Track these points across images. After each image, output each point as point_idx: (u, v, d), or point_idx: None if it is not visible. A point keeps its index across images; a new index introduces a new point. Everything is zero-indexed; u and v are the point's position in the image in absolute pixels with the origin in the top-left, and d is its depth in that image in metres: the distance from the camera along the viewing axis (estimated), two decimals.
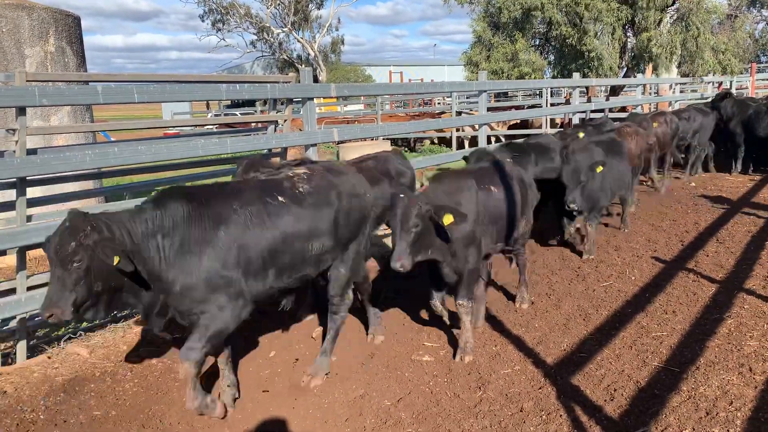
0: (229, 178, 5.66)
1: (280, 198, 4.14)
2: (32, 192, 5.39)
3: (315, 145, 6.59)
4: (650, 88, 21.61)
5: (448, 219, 4.28)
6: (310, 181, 4.40)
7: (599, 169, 6.63)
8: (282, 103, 6.89)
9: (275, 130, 6.69)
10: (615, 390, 4.14)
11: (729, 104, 12.31)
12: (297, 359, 5.07)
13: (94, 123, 9.82)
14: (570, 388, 4.25)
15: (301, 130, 7.14)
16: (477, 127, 10.48)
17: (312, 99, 6.57)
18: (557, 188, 6.90)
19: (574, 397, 4.12)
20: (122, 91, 4.99)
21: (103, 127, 6.60)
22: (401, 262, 4.11)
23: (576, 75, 14.42)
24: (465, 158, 6.99)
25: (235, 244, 3.86)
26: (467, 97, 25.02)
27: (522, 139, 9.35)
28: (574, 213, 6.95)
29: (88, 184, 7.99)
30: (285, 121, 6.60)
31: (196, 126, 20.51)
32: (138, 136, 16.12)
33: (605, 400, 4.04)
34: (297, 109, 8.72)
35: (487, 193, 4.98)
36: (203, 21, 42.77)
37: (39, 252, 4.57)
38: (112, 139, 17.71)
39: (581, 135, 8.42)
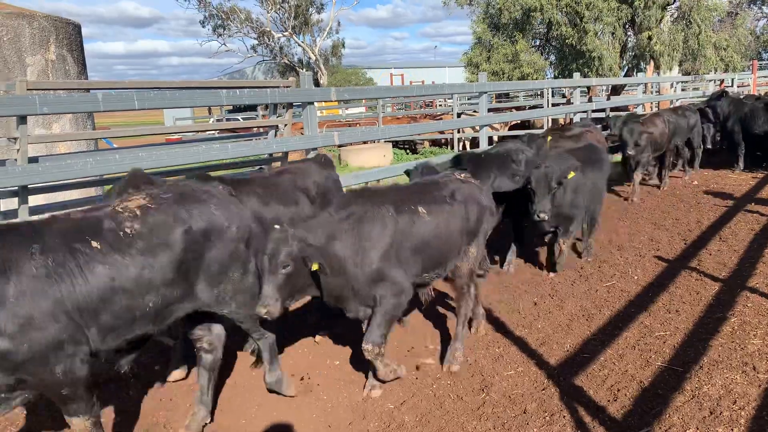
0: None
1: (94, 244, 3.22)
2: (35, 200, 5.43)
3: (316, 149, 6.60)
4: (652, 87, 21.61)
5: (316, 266, 3.73)
6: (145, 218, 3.43)
7: (571, 175, 6.01)
8: (284, 108, 6.90)
9: (276, 135, 6.71)
10: (618, 390, 4.13)
11: (725, 103, 12.31)
12: (301, 364, 5.07)
13: (96, 130, 9.86)
14: (573, 389, 4.24)
15: (302, 134, 7.16)
16: (478, 128, 10.50)
17: (312, 103, 6.59)
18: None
19: (577, 398, 4.11)
20: (122, 98, 5.02)
21: (104, 134, 6.61)
22: (267, 309, 3.59)
23: (576, 75, 14.44)
24: (407, 172, 6.44)
25: (29, 299, 2.99)
26: (468, 99, 25.03)
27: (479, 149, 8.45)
28: (546, 228, 6.51)
29: (91, 192, 8.02)
30: (285, 125, 6.62)
31: (198, 132, 20.60)
32: (140, 143, 16.17)
33: (608, 401, 4.03)
34: (298, 113, 8.73)
35: (411, 217, 4.27)
36: (204, 26, 42.98)
37: None
38: (115, 145, 17.78)
39: (549, 139, 8.14)
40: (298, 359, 5.14)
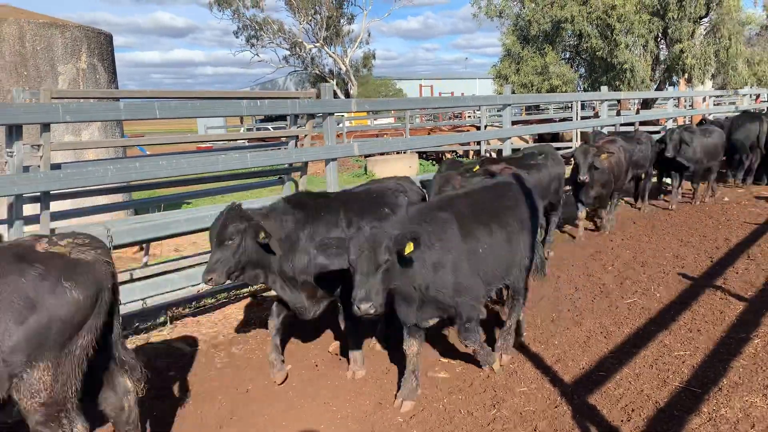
0: (258, 192, 5.53)
1: None
2: (63, 205, 5.55)
3: (335, 159, 6.63)
4: (685, 101, 21.25)
5: None
6: None
7: (409, 248, 3.82)
8: (304, 118, 6.97)
9: (296, 145, 6.76)
10: (632, 410, 4.04)
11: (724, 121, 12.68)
12: (311, 374, 5.07)
13: (128, 137, 10.07)
14: (586, 408, 4.15)
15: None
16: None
17: (332, 114, 6.63)
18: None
19: (589, 417, 4.03)
20: (144, 108, 5.10)
21: (128, 143, 6.75)
22: None
23: (604, 88, 14.25)
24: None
25: None
26: (498, 110, 24.91)
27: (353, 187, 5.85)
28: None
29: (118, 197, 8.18)
30: (306, 135, 6.67)
31: (229, 140, 20.91)
32: (171, 150, 16.45)
33: (622, 421, 3.94)
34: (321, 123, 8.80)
35: None
36: (237, 37, 43.61)
37: None
38: (148, 153, 18.14)
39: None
40: (312, 369, 5.14)
